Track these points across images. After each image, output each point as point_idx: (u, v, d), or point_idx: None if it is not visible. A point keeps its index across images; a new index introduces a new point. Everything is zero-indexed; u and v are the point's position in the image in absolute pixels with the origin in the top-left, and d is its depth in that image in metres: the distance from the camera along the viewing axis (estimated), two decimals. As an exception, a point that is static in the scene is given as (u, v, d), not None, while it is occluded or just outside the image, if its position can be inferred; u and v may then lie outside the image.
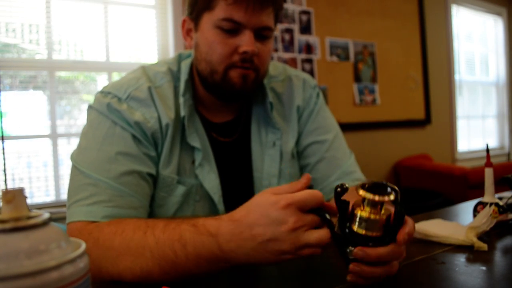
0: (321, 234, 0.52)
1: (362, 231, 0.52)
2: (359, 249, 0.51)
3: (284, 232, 0.51)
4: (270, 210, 0.52)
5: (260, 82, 0.87)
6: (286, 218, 0.51)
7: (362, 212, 0.52)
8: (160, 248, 0.58)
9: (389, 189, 0.52)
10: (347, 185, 0.54)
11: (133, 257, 0.59)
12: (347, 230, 0.53)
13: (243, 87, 0.81)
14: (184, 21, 0.86)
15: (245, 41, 0.77)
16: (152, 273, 0.58)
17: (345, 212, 0.54)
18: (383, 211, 0.52)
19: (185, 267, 0.56)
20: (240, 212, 0.55)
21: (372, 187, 0.52)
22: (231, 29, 0.78)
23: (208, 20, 0.79)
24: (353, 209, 0.54)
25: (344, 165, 0.91)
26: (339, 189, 0.53)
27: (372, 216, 0.52)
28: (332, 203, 0.55)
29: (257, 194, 0.56)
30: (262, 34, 0.80)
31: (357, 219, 0.52)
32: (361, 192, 0.51)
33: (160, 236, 0.59)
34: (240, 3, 0.75)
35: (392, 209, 0.53)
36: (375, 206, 0.52)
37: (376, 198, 0.50)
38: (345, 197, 0.54)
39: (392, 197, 0.51)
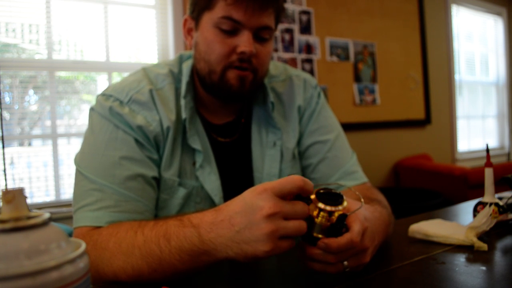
0: (300, 222, 0.52)
1: (311, 232, 0.55)
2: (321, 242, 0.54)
3: (260, 219, 0.50)
4: (248, 197, 0.52)
5: (259, 84, 0.86)
6: (261, 204, 0.51)
7: (313, 217, 0.55)
8: (147, 246, 0.58)
9: (339, 201, 0.55)
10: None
11: (125, 256, 0.60)
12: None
13: (241, 89, 0.81)
14: (185, 20, 0.87)
15: (243, 41, 0.77)
16: (142, 271, 0.59)
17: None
18: (332, 216, 0.55)
19: (170, 262, 0.57)
20: (226, 203, 0.56)
21: (325, 195, 0.56)
22: (230, 28, 0.78)
23: (208, 20, 0.79)
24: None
25: (346, 165, 0.91)
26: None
27: (318, 220, 0.55)
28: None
29: None
30: (261, 35, 0.80)
31: (308, 221, 0.55)
32: (313, 197, 0.55)
33: (148, 234, 0.60)
34: (240, 3, 0.75)
35: (340, 212, 0.55)
36: (322, 214, 0.55)
37: (325, 207, 0.54)
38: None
39: (337, 208, 0.54)
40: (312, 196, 0.55)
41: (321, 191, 0.56)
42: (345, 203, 0.55)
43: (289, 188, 0.52)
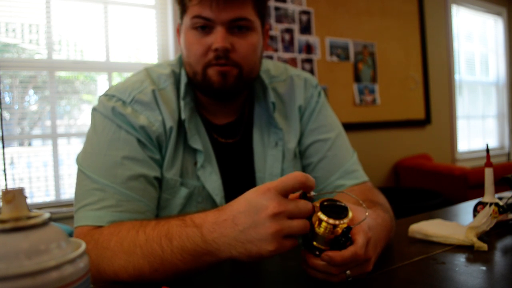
0: (304, 221, 0.53)
1: (313, 242, 0.55)
2: (324, 254, 0.53)
3: (265, 218, 0.50)
4: (251, 197, 0.52)
5: (249, 79, 0.85)
6: (266, 204, 0.51)
7: (316, 228, 0.54)
8: (149, 245, 0.58)
9: (343, 213, 0.55)
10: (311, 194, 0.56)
11: (126, 256, 0.60)
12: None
13: (223, 84, 0.80)
14: (178, 28, 0.89)
15: (216, 38, 0.78)
16: (143, 271, 0.59)
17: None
18: (336, 229, 0.54)
19: (171, 262, 0.57)
20: (229, 203, 0.56)
21: (329, 207, 0.55)
22: (203, 26, 0.78)
23: (186, 23, 0.81)
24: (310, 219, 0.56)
25: (346, 164, 0.91)
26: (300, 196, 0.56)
27: (321, 232, 0.54)
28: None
29: None
30: (237, 26, 0.79)
31: (311, 230, 0.55)
32: (318, 212, 0.54)
33: (150, 233, 0.60)
34: (205, 0, 0.76)
35: (344, 226, 0.55)
36: (327, 227, 0.54)
37: (328, 220, 0.53)
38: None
39: (341, 221, 0.54)
40: (317, 209, 0.55)
41: (325, 203, 0.55)
42: (350, 215, 0.54)
43: (292, 184, 0.52)
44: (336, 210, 0.55)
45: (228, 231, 0.52)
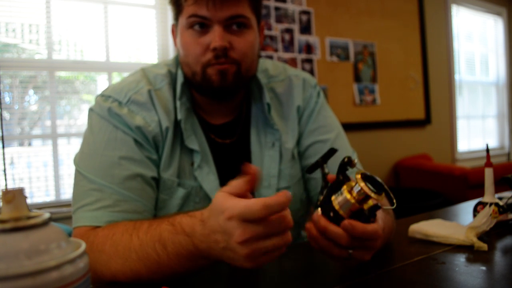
0: (279, 239, 0.50)
1: (336, 205, 0.55)
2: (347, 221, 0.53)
3: (235, 244, 0.49)
4: (220, 219, 0.50)
5: (248, 77, 0.84)
6: (231, 231, 0.49)
7: (347, 193, 0.54)
8: (143, 250, 0.59)
9: (382, 191, 0.54)
10: (353, 161, 0.58)
11: (122, 260, 0.60)
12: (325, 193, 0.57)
13: (223, 83, 0.80)
14: (172, 29, 0.88)
15: (213, 37, 0.77)
16: (141, 274, 0.59)
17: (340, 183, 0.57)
18: (367, 201, 0.54)
19: (169, 266, 0.57)
20: (206, 212, 0.54)
21: (370, 179, 0.54)
22: (200, 25, 0.78)
23: (181, 23, 0.81)
24: (343, 183, 0.56)
25: None
26: (346, 159, 0.58)
27: (350, 198, 0.54)
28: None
29: (218, 192, 0.53)
30: (235, 23, 0.79)
31: (339, 193, 0.55)
32: (359, 178, 0.53)
33: (143, 238, 0.60)
34: (201, 0, 0.76)
35: (370, 204, 0.55)
36: (361, 195, 0.53)
37: (368, 191, 0.52)
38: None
39: (380, 199, 0.53)
40: (358, 176, 0.54)
41: (367, 174, 0.55)
42: (383, 195, 0.54)
43: (256, 216, 0.48)
44: (374, 184, 0.54)
45: (214, 245, 0.52)
